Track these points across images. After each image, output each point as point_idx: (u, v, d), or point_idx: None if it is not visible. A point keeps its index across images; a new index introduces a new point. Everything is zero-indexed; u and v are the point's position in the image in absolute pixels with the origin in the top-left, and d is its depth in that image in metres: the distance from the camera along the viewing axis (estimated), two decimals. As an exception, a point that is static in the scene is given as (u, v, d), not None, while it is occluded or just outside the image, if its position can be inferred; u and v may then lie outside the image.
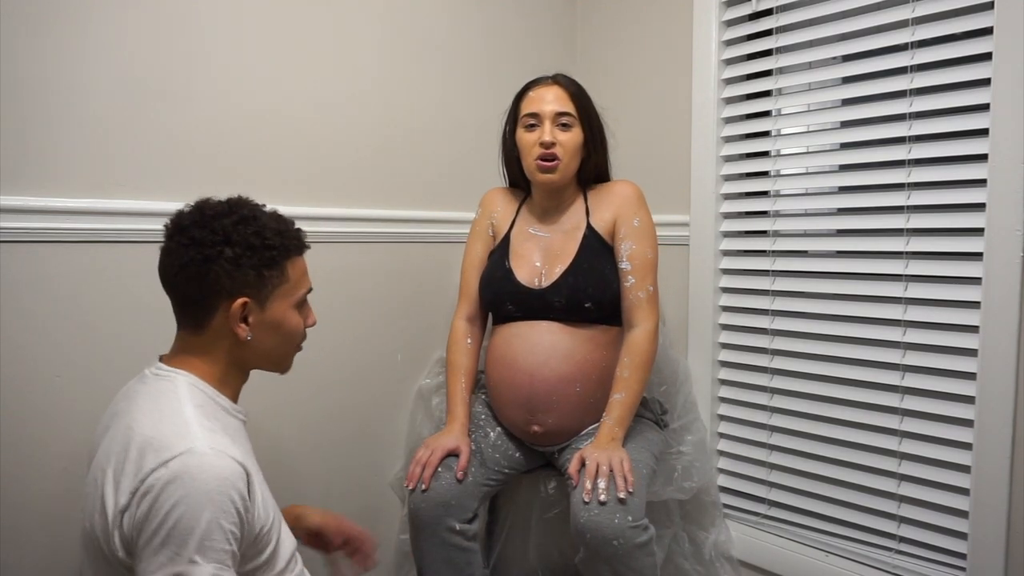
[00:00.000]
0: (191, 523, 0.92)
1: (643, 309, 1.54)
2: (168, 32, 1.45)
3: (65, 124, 1.34)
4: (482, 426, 1.61)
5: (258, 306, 1.08)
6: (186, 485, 0.93)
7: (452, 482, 1.48)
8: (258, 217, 1.09)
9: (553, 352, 1.53)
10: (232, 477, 0.96)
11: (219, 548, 0.93)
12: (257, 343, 1.09)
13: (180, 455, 0.95)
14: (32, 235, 1.31)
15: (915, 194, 1.53)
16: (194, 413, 1.01)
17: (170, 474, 0.94)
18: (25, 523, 1.34)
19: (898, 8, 1.53)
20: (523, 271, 1.60)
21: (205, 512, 0.93)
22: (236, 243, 1.05)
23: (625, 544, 1.30)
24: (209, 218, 1.06)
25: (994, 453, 1.39)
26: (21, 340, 1.32)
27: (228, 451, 0.98)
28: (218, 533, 0.93)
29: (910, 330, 1.54)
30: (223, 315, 1.06)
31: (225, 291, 1.05)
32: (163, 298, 1.50)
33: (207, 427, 1.00)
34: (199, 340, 1.09)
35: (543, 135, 1.54)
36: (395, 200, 1.83)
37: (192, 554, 0.92)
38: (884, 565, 1.59)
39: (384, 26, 1.79)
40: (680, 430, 1.76)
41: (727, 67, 1.84)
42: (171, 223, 1.09)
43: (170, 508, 0.92)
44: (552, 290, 1.55)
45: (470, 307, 1.70)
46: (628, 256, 1.56)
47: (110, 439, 1.04)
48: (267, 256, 1.07)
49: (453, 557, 1.47)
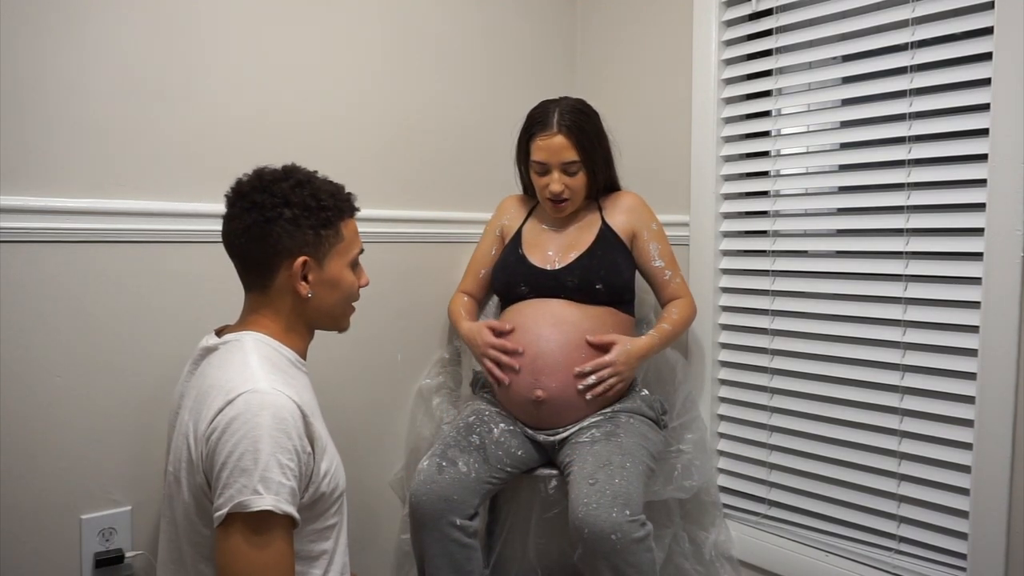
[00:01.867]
0: (253, 456, 0.99)
1: (684, 288, 1.74)
2: (168, 33, 1.45)
3: (65, 124, 1.35)
4: (486, 421, 1.62)
5: (317, 264, 1.15)
6: (248, 421, 1.00)
7: (455, 477, 1.49)
8: (312, 181, 1.17)
9: (562, 320, 1.59)
10: (288, 415, 1.02)
11: (278, 481, 0.99)
12: (317, 300, 1.17)
13: (243, 393, 1.02)
14: (32, 235, 1.31)
15: (915, 194, 1.53)
16: (259, 362, 1.08)
17: (234, 411, 1.01)
18: (25, 523, 1.34)
19: (898, 8, 1.53)
20: (536, 257, 1.69)
21: (264, 446, 0.99)
22: (294, 204, 1.12)
23: (623, 539, 1.31)
24: (268, 183, 1.13)
25: (994, 453, 1.39)
26: (21, 340, 1.32)
27: (285, 391, 1.04)
28: (275, 467, 0.99)
29: (910, 330, 1.54)
30: (286, 274, 1.14)
31: (286, 250, 1.12)
32: (163, 298, 1.51)
33: (268, 371, 1.07)
34: (265, 299, 1.16)
35: (551, 183, 1.64)
36: (395, 200, 1.83)
37: (256, 484, 0.98)
38: (884, 565, 1.59)
39: (384, 26, 1.79)
40: (680, 428, 1.76)
41: (727, 67, 1.84)
42: (232, 191, 1.16)
43: (235, 444, 0.99)
44: (565, 271, 1.63)
45: (469, 286, 1.81)
46: (659, 255, 1.71)
47: (188, 407, 1.11)
48: (323, 217, 1.14)
49: (453, 553, 1.48)
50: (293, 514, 1.01)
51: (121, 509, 1.44)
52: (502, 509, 1.74)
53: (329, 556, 1.16)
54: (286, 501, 1.00)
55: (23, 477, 1.34)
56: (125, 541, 1.44)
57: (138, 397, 1.45)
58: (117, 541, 1.44)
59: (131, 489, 1.45)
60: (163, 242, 1.46)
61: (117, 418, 1.43)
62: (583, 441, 1.52)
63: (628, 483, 1.39)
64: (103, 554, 1.41)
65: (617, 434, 1.51)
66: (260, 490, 0.98)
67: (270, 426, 1.00)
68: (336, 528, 1.18)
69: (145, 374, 1.45)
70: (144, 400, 1.45)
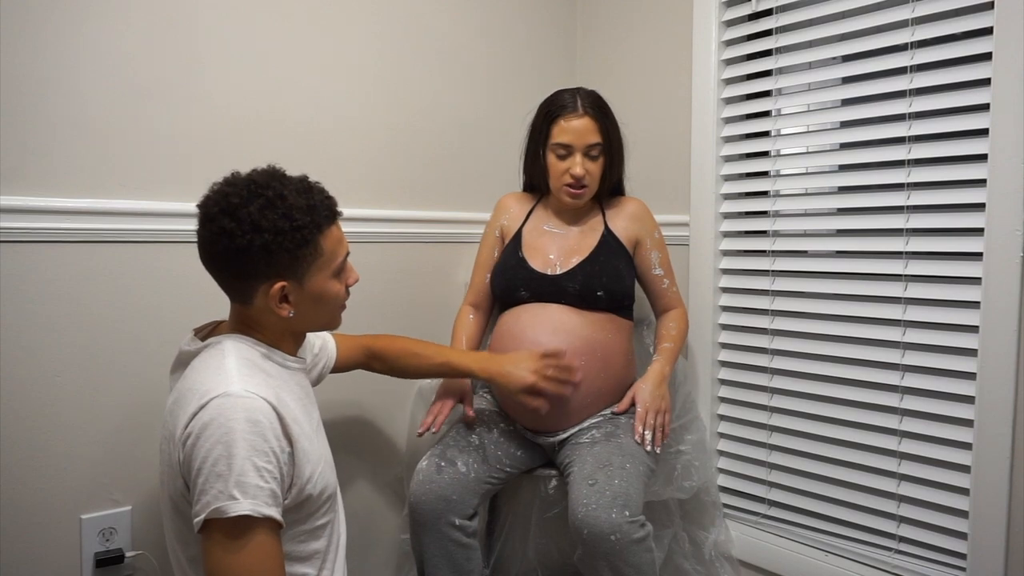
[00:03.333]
0: (227, 461, 0.97)
1: (678, 298, 1.75)
2: (168, 33, 1.45)
3: (65, 124, 1.35)
4: (486, 421, 1.62)
5: (297, 284, 1.10)
6: (221, 425, 0.98)
7: (454, 477, 1.49)
8: (285, 196, 1.06)
9: (561, 326, 1.57)
10: (263, 416, 1.00)
11: (255, 485, 0.97)
12: (301, 316, 1.12)
13: (215, 397, 1.00)
14: (32, 235, 1.31)
15: (915, 194, 1.53)
16: (236, 364, 1.06)
17: (207, 416, 0.99)
18: (25, 523, 1.34)
19: (898, 8, 1.53)
20: (537, 260, 1.66)
21: (238, 450, 0.97)
22: (265, 230, 1.03)
23: (622, 539, 1.31)
24: (235, 207, 1.04)
25: (994, 453, 1.39)
26: (21, 340, 1.32)
27: (260, 392, 1.02)
28: (251, 471, 0.98)
29: (910, 330, 1.54)
30: (263, 297, 1.09)
31: (262, 275, 1.07)
32: (162, 298, 1.50)
33: (245, 374, 1.05)
34: (248, 312, 1.13)
35: (574, 167, 1.60)
36: (396, 200, 1.83)
37: (231, 490, 0.96)
38: (884, 565, 1.59)
39: (385, 26, 1.79)
40: (679, 429, 1.76)
41: (727, 67, 1.84)
42: (200, 209, 1.08)
43: (209, 448, 0.98)
44: (566, 276, 1.61)
45: (476, 297, 1.77)
46: (659, 263, 1.72)
47: (169, 410, 1.10)
48: (297, 237, 1.06)
49: (452, 553, 1.48)
50: (274, 516, 0.99)
51: (121, 509, 1.44)
52: (502, 509, 1.74)
53: (322, 555, 1.14)
54: (265, 504, 0.98)
55: (23, 477, 1.34)
56: (125, 541, 1.44)
57: (138, 397, 1.45)
58: (117, 541, 1.44)
59: (131, 489, 1.45)
60: (163, 242, 1.46)
61: (117, 418, 1.43)
62: (583, 442, 1.52)
63: (628, 484, 1.39)
64: (103, 554, 1.41)
65: (617, 435, 1.51)
66: (236, 495, 0.96)
67: (244, 430, 0.98)
68: (328, 527, 1.16)
69: (145, 374, 1.45)
70: (144, 400, 1.44)
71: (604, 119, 1.62)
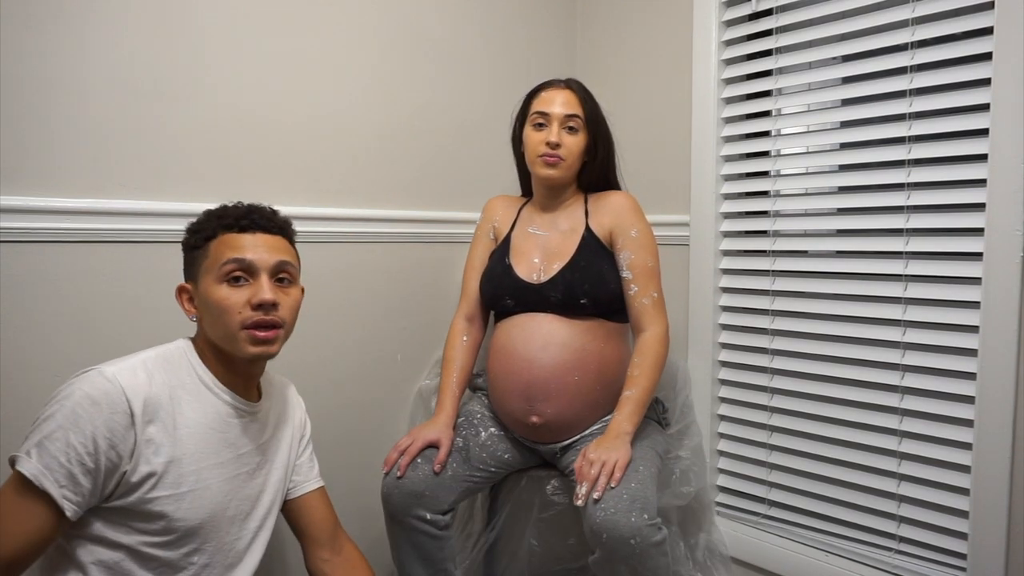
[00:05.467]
0: (47, 423, 0.99)
1: (649, 314, 1.56)
2: (168, 32, 1.45)
3: (65, 124, 1.34)
4: (475, 424, 1.62)
5: (195, 287, 1.16)
6: (63, 391, 1.01)
7: (428, 474, 1.49)
8: (213, 209, 1.18)
9: (551, 339, 1.54)
10: (106, 402, 1.00)
11: (53, 456, 0.97)
12: (202, 321, 1.16)
13: (86, 371, 1.03)
14: (32, 235, 1.31)
15: (915, 194, 1.53)
16: (148, 355, 1.10)
17: (66, 383, 1.02)
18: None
19: (898, 8, 1.53)
20: (522, 267, 1.62)
21: (59, 418, 0.98)
22: (185, 233, 1.19)
23: (642, 543, 1.28)
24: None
25: (994, 453, 1.39)
26: (21, 340, 1.32)
27: (130, 382, 1.03)
28: (60, 443, 0.97)
29: (910, 330, 1.54)
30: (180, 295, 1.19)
31: (184, 275, 1.19)
32: (162, 298, 1.50)
33: (140, 366, 1.07)
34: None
35: (549, 135, 1.58)
36: (395, 200, 1.83)
37: (31, 447, 0.98)
38: (884, 565, 1.59)
39: (384, 26, 1.79)
40: (678, 435, 1.76)
41: (727, 67, 1.84)
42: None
43: (47, 404, 1.01)
44: (549, 285, 1.57)
45: (470, 307, 1.73)
46: (628, 265, 1.58)
47: None
48: (194, 240, 1.16)
49: (423, 543, 1.50)
50: (52, 494, 0.96)
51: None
52: (502, 508, 1.74)
53: None
54: (52, 481, 0.96)
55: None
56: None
57: (138, 397, 1.44)
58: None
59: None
60: (163, 242, 1.46)
61: (117, 418, 1.43)
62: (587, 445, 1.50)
63: (643, 486, 1.36)
64: (102, 554, 1.41)
65: None
66: (32, 454, 0.97)
67: (77, 403, 0.99)
68: (194, 565, 1.10)
69: (145, 374, 1.44)
70: (144, 400, 1.44)
71: (586, 97, 1.62)
